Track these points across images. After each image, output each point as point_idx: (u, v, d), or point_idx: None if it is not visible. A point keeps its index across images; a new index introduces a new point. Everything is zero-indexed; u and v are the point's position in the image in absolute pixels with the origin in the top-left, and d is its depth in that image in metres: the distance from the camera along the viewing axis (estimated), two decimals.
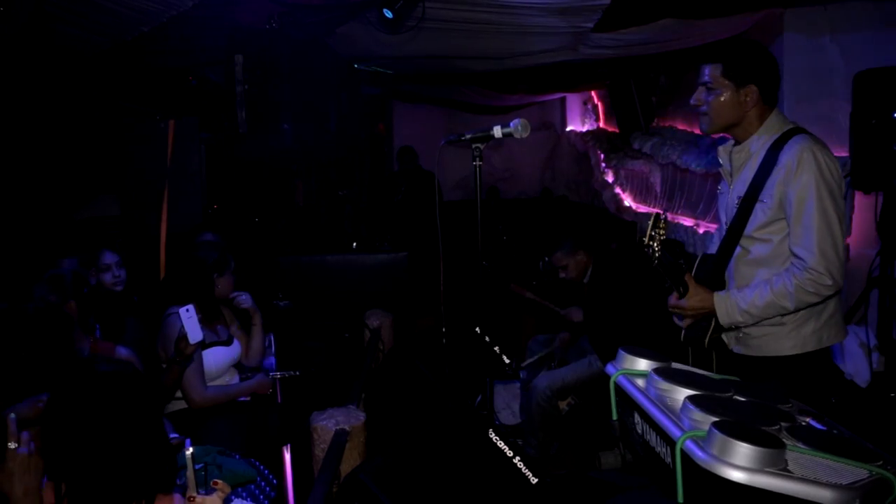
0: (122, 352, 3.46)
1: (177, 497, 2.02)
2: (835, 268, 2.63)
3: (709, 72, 2.86)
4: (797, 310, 2.73)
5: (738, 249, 2.93)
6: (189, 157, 6.15)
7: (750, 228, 2.85)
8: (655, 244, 2.93)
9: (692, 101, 2.93)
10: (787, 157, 2.71)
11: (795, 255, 2.70)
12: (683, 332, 3.07)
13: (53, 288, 3.40)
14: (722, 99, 2.82)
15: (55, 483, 2.00)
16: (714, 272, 2.99)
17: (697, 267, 3.09)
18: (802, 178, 2.66)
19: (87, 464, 1.98)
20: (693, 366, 2.91)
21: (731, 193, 2.96)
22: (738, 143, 2.94)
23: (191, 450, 1.82)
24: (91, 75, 5.41)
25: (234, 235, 5.67)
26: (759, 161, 2.81)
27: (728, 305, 2.80)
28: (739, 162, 2.93)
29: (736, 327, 2.90)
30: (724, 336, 3.01)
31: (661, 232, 2.96)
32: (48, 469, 2.06)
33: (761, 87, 2.80)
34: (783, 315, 2.77)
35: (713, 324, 2.92)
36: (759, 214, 2.81)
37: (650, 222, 2.97)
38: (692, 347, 3.07)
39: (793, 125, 2.84)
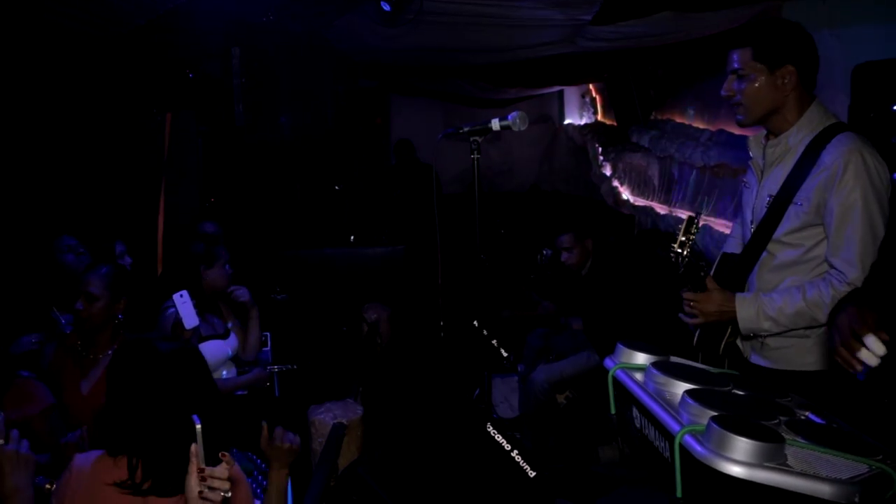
0: None
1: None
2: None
3: (738, 57, 2.57)
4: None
5: (764, 254, 2.68)
6: (186, 151, 6.13)
7: (780, 232, 2.61)
8: (685, 251, 2.77)
9: (723, 93, 2.66)
10: (831, 157, 2.44)
11: (833, 267, 2.47)
12: (696, 336, 2.88)
13: (109, 283, 3.36)
14: (756, 85, 2.55)
15: (128, 457, 2.11)
16: (737, 276, 2.76)
17: (717, 268, 2.90)
18: (849, 185, 2.40)
19: (159, 438, 2.12)
20: None
21: (762, 190, 2.72)
22: (773, 135, 2.67)
23: (199, 426, 1.87)
24: (86, 68, 5.38)
25: (231, 229, 5.65)
26: (796, 158, 2.56)
27: (752, 310, 2.56)
28: (774, 157, 2.67)
29: (755, 336, 2.68)
30: (739, 343, 2.81)
31: (692, 238, 2.80)
32: (114, 445, 2.15)
33: (799, 67, 2.54)
34: (807, 329, 2.56)
35: (730, 329, 2.70)
36: (793, 218, 2.56)
37: (682, 225, 2.82)
38: (703, 353, 2.86)
39: (836, 120, 2.59)
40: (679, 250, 2.79)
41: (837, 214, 2.42)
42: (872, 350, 1.60)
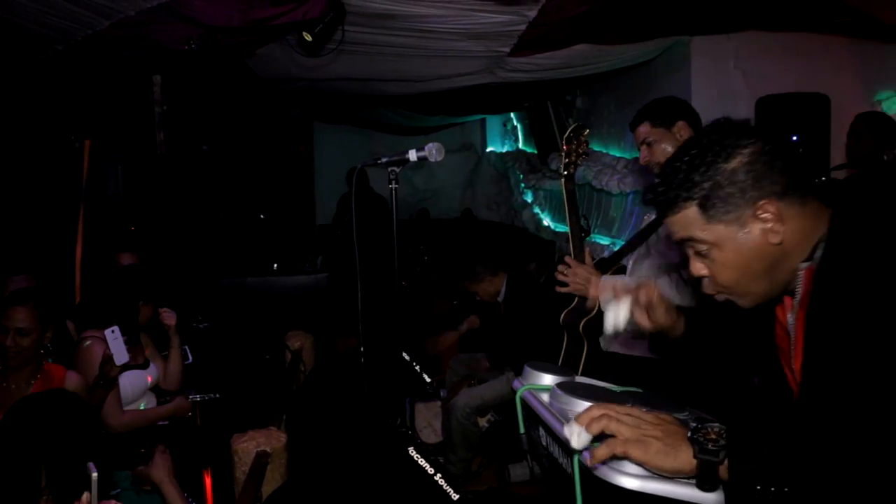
0: (73, 377, 3.41)
1: None
2: None
3: (641, 130, 3.00)
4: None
5: (642, 249, 3.10)
6: (106, 178, 6.06)
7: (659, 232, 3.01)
8: (574, 157, 3.10)
9: (642, 162, 3.06)
10: None
11: None
12: (562, 316, 3.22)
13: (38, 316, 3.32)
14: (663, 146, 2.95)
15: None
16: (611, 262, 3.17)
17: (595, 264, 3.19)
18: None
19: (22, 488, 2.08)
20: (565, 353, 3.14)
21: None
22: None
23: (95, 474, 1.86)
24: (1, 92, 5.31)
25: (152, 257, 5.59)
26: None
27: (611, 284, 2.96)
28: None
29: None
30: (601, 340, 3.17)
31: (581, 148, 3.12)
32: None
33: (689, 121, 2.97)
34: None
35: (595, 311, 3.07)
36: None
37: (571, 129, 3.12)
38: (567, 333, 3.21)
39: None
40: (570, 149, 3.10)
41: None
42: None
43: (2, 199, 5.47)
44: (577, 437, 1.45)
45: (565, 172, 3.13)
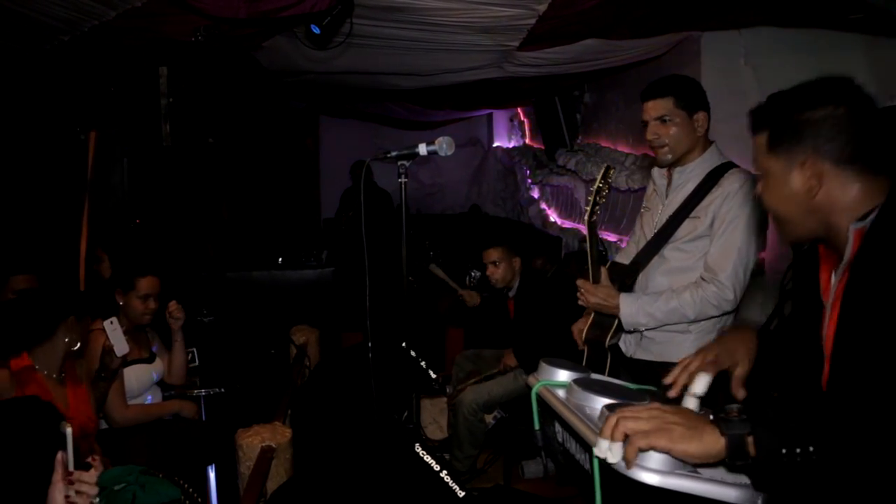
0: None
1: None
2: (739, 286, 2.80)
3: (661, 104, 2.93)
4: (697, 320, 2.88)
5: (657, 258, 3.04)
6: (111, 170, 6.03)
7: (675, 239, 2.97)
8: (600, 199, 3.10)
9: (649, 137, 2.99)
10: (730, 182, 2.84)
11: (708, 267, 2.84)
12: (584, 332, 3.18)
13: None
14: (678, 129, 2.90)
15: None
16: (626, 275, 3.10)
17: (608, 270, 3.17)
18: (739, 202, 2.80)
19: None
20: (587, 363, 3.10)
21: (665, 210, 3.05)
22: (681, 165, 3.00)
23: (69, 429, 1.87)
24: (6, 84, 5.28)
25: (157, 250, 5.57)
26: (698, 181, 2.93)
27: (634, 307, 2.92)
28: (680, 181, 3.00)
29: (636, 330, 3.03)
30: (622, 344, 3.15)
31: (606, 189, 3.11)
32: None
33: (707, 114, 2.93)
34: (689, 325, 2.93)
35: (615, 325, 3.04)
36: (689, 227, 2.93)
37: (601, 173, 3.12)
38: (589, 347, 3.18)
39: (729, 160, 2.97)
40: (596, 198, 3.11)
41: (725, 223, 2.82)
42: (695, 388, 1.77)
43: (5, 191, 5.44)
44: (609, 452, 1.44)
45: (593, 218, 3.11)
